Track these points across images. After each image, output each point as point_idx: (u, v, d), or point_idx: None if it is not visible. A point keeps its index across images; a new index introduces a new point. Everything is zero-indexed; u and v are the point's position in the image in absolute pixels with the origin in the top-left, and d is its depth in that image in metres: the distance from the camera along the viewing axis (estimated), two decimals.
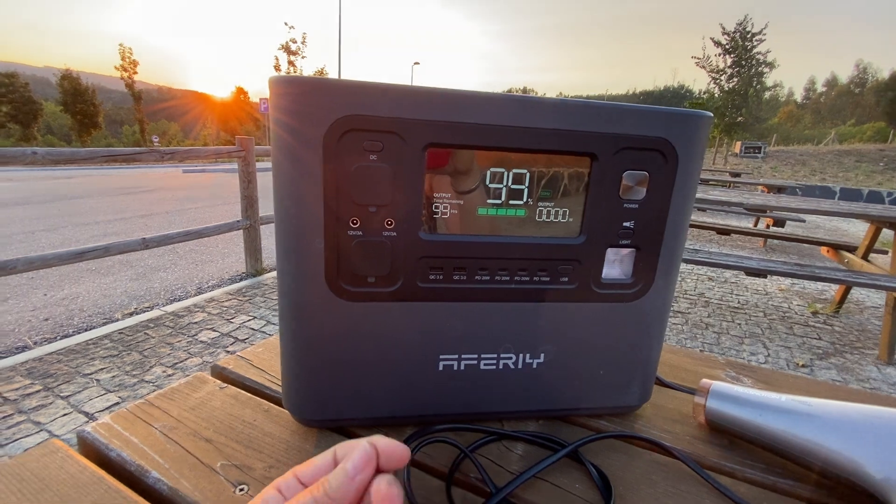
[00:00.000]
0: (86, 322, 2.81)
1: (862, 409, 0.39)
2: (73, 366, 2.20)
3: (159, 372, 2.16)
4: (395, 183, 0.37)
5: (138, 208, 7.22)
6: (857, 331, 3.12)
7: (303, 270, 0.38)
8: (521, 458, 0.42)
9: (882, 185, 16.01)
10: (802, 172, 18.64)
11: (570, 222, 0.41)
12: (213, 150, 3.47)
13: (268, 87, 0.36)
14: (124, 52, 33.16)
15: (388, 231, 0.38)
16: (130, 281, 3.62)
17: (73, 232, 5.42)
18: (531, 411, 0.47)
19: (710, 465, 0.43)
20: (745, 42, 16.47)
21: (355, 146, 0.35)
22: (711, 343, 2.80)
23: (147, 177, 12.98)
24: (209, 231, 3.33)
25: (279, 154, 0.36)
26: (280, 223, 0.38)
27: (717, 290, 3.80)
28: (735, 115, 16.98)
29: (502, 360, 0.44)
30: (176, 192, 9.60)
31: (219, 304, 3.02)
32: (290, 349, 0.41)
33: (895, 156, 20.33)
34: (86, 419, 1.80)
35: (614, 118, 0.38)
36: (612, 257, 0.42)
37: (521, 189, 0.39)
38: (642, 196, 0.40)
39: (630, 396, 0.48)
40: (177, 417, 0.44)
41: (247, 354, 0.57)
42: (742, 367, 0.63)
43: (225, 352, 2.37)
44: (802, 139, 41.28)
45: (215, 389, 0.49)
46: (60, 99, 34.11)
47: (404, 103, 0.35)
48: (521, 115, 0.37)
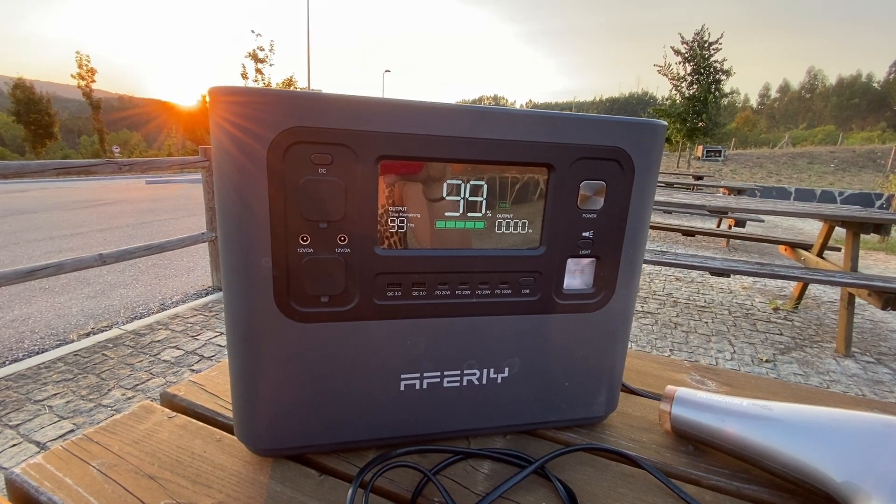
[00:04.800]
0: (37, 344, 2.66)
1: (822, 412, 0.40)
2: (24, 392, 2.07)
3: (118, 395, 2.05)
4: (347, 197, 0.35)
5: (97, 222, 6.91)
6: (815, 325, 3.27)
7: (250, 291, 0.36)
8: (487, 477, 0.41)
9: (833, 185, 16.95)
10: (760, 174, 19.53)
11: (529, 233, 0.40)
12: (174, 160, 3.34)
13: (208, 98, 0.34)
14: (81, 59, 31.91)
15: (341, 247, 0.36)
16: (87, 299, 3.45)
17: (25, 249, 5.13)
18: (498, 427, 0.46)
19: (677, 474, 0.43)
20: (703, 51, 17.18)
21: (303, 159, 0.34)
22: (680, 342, 2.87)
23: (107, 189, 12.46)
24: (172, 244, 3.21)
25: (221, 169, 0.34)
26: (224, 241, 0.36)
27: (685, 290, 3.92)
28: (696, 121, 17.64)
29: (466, 377, 0.42)
30: (138, 204, 9.24)
31: (183, 321, 2.90)
32: (239, 375, 0.39)
33: (845, 157, 21.59)
34: (37, 449, 1.69)
35: (570, 128, 0.38)
36: (573, 267, 0.42)
37: (478, 201, 0.38)
38: (600, 206, 0.40)
39: (597, 407, 0.47)
40: (117, 453, 0.41)
41: (199, 379, 0.54)
42: (707, 371, 0.64)
43: (190, 370, 2.27)
44: (759, 143, 43.31)
45: (163, 419, 0.46)
46: (13, 109, 32.47)
47: (355, 114, 0.34)
48: (476, 127, 0.36)
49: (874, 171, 19.16)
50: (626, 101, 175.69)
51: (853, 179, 18.20)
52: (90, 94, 32.92)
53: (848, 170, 19.91)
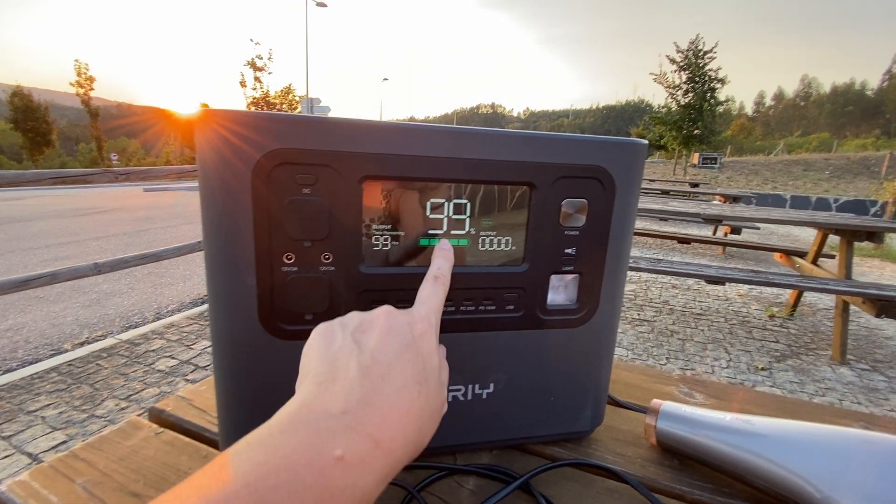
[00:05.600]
0: (31, 354, 2.64)
1: (803, 427, 0.40)
2: (17, 403, 2.05)
3: (112, 406, 2.04)
4: (331, 216, 0.36)
5: (93, 230, 6.90)
6: (811, 332, 3.27)
7: (235, 309, 0.36)
8: (472, 493, 0.41)
9: (828, 191, 17.07)
10: (756, 181, 19.66)
11: (512, 250, 0.41)
12: (171, 169, 3.35)
13: (194, 122, 0.34)
14: (80, 67, 31.99)
15: (326, 266, 0.36)
16: (82, 308, 3.43)
17: (21, 257, 5.12)
18: (484, 442, 0.46)
19: (661, 489, 0.43)
20: (698, 59, 17.36)
21: (287, 180, 0.34)
22: (677, 350, 2.87)
23: (104, 196, 12.46)
24: (168, 253, 3.21)
25: (207, 189, 0.34)
26: (209, 260, 0.36)
27: (681, 298, 3.93)
28: (692, 128, 17.78)
29: (451, 393, 0.43)
30: (135, 212, 9.24)
31: (179, 330, 2.89)
32: (225, 392, 0.39)
33: (839, 164, 21.76)
34: (29, 461, 1.67)
35: (551, 148, 0.38)
36: (557, 284, 0.42)
37: (462, 219, 0.39)
38: (582, 223, 0.41)
39: (582, 421, 0.48)
40: (103, 470, 0.41)
41: (188, 394, 0.54)
42: (695, 383, 0.64)
43: (184, 380, 2.26)
44: (754, 150, 43.66)
45: (150, 435, 0.46)
46: (11, 116, 32.50)
47: (338, 136, 0.34)
48: (458, 147, 0.37)
49: (869, 177, 19.31)
50: (623, 108, 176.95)
51: (848, 186, 18.34)
52: (88, 101, 32.98)
53: (843, 177, 20.06)
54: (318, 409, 0.23)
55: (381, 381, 0.24)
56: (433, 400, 0.27)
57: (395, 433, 0.23)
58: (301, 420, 0.22)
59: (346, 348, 0.26)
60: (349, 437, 0.21)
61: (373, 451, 0.22)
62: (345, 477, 0.20)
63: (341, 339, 0.27)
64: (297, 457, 0.20)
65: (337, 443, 0.21)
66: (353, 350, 0.26)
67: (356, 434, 0.22)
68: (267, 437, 0.21)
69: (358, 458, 0.21)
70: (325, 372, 0.25)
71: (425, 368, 0.27)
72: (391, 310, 0.30)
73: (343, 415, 0.22)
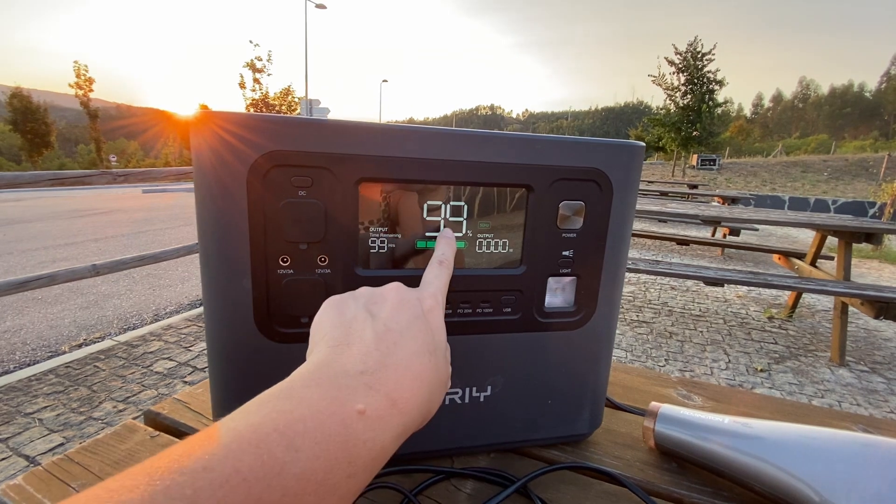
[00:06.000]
0: (29, 356, 2.63)
1: (801, 430, 0.40)
2: (14, 405, 2.04)
3: (109, 408, 2.03)
4: (327, 219, 0.35)
5: (92, 232, 6.89)
6: (809, 334, 3.27)
7: (230, 312, 0.36)
8: (469, 496, 0.41)
9: (827, 193, 17.10)
10: (754, 183, 19.69)
11: (509, 253, 0.40)
12: (169, 171, 3.35)
13: (190, 123, 0.34)
14: (79, 69, 31.97)
15: (322, 268, 0.36)
16: (80, 310, 3.42)
17: (19, 259, 5.10)
18: (481, 446, 0.46)
19: (659, 492, 0.43)
20: (696, 61, 17.40)
21: (283, 182, 0.34)
22: (675, 352, 2.87)
23: (103, 198, 12.44)
24: (167, 255, 3.20)
25: (202, 191, 0.34)
26: (205, 262, 0.36)
27: (680, 299, 3.93)
28: (690, 130, 17.81)
29: (448, 396, 0.42)
30: (134, 213, 9.23)
31: (177, 332, 2.88)
32: (220, 395, 0.39)
33: (838, 166, 21.81)
34: (26, 463, 1.67)
35: (549, 150, 0.38)
36: (554, 286, 0.42)
37: (460, 221, 0.39)
38: (580, 225, 0.41)
39: (580, 424, 0.48)
40: (98, 474, 0.41)
41: (184, 397, 0.53)
42: (693, 385, 0.64)
43: (182, 382, 2.26)
44: (753, 152, 43.75)
45: (145, 439, 0.46)
46: (10, 118, 32.48)
47: (334, 138, 0.34)
48: (455, 149, 0.37)
49: (867, 179, 19.36)
50: (622, 110, 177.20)
51: (846, 188, 18.38)
52: (88, 103, 32.96)
53: (841, 178, 20.10)
54: (336, 368, 0.23)
55: (395, 346, 0.25)
56: (442, 370, 0.28)
57: (410, 395, 0.24)
58: (323, 376, 0.23)
59: (360, 317, 0.27)
60: (368, 395, 0.22)
61: (390, 409, 0.23)
62: (367, 430, 0.21)
63: (354, 309, 0.28)
64: (322, 407, 0.20)
65: (358, 398, 0.22)
66: (367, 318, 0.27)
67: (375, 392, 0.22)
68: (289, 389, 0.21)
69: (377, 414, 0.22)
70: (340, 336, 0.26)
71: (434, 340, 0.28)
72: (400, 285, 0.31)
73: (362, 374, 0.23)
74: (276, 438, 0.18)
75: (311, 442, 0.19)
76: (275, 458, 0.18)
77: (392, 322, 0.27)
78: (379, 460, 0.22)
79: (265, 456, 0.17)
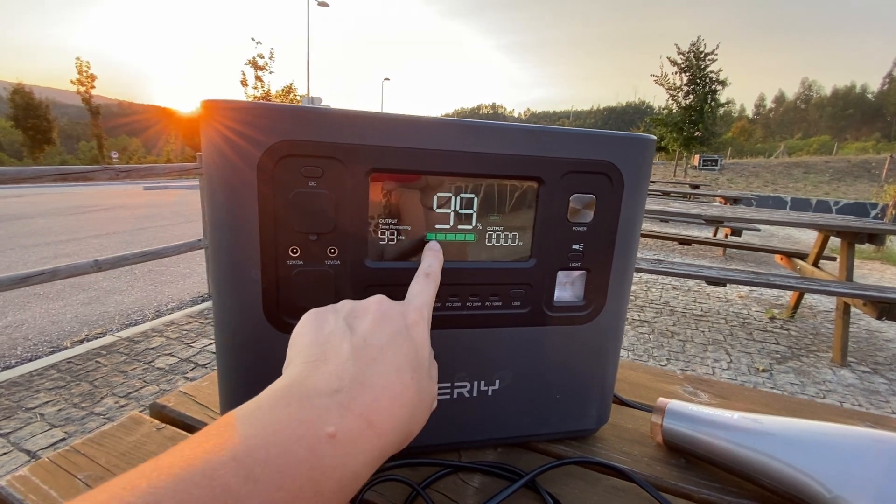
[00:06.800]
0: (30, 351, 2.64)
1: (812, 426, 0.40)
2: (15, 399, 2.05)
3: (111, 403, 2.03)
4: (338, 210, 0.35)
5: (94, 228, 6.90)
6: (811, 334, 3.27)
7: (239, 303, 0.36)
8: (477, 490, 0.40)
9: (829, 194, 17.07)
10: (756, 184, 19.66)
11: (519, 246, 0.40)
12: (172, 167, 3.35)
13: (200, 112, 0.34)
14: (81, 66, 31.99)
15: (332, 259, 0.36)
16: (82, 305, 3.43)
17: (21, 254, 5.11)
18: (489, 440, 0.46)
19: (668, 488, 0.42)
20: (699, 61, 17.37)
21: (293, 172, 0.34)
22: (677, 351, 2.86)
23: (105, 194, 12.45)
24: (168, 251, 3.20)
25: (212, 180, 0.34)
26: (213, 253, 0.36)
27: (682, 299, 3.92)
28: (692, 130, 17.79)
29: (456, 389, 0.42)
30: (135, 210, 9.23)
31: (178, 328, 2.89)
32: (228, 387, 0.38)
33: (840, 167, 21.77)
34: (28, 458, 1.67)
35: (560, 143, 0.38)
36: (564, 280, 0.42)
37: (469, 213, 0.39)
38: (590, 219, 0.40)
39: (588, 419, 0.47)
40: (104, 465, 0.41)
41: (189, 390, 0.53)
42: (699, 382, 0.63)
43: (184, 378, 2.26)
44: (755, 152, 43.67)
45: (151, 431, 0.46)
46: (11, 114, 32.54)
47: (345, 128, 0.34)
48: (466, 140, 0.36)
49: (869, 180, 19.32)
50: (624, 110, 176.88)
51: (848, 189, 18.34)
52: (89, 99, 33.00)
53: (843, 179, 20.07)
54: (308, 387, 0.22)
55: (373, 362, 0.24)
56: (425, 390, 0.27)
57: (388, 415, 0.23)
58: (292, 396, 0.21)
59: (339, 331, 0.26)
60: (341, 416, 0.21)
61: (365, 431, 0.21)
62: (336, 455, 0.19)
63: (333, 323, 0.27)
64: (289, 432, 0.19)
65: (329, 420, 0.20)
66: (346, 333, 0.26)
67: (349, 412, 0.21)
68: (256, 410, 0.20)
69: (350, 437, 0.20)
70: (317, 353, 0.25)
71: (417, 357, 0.27)
72: (384, 298, 0.30)
73: (336, 393, 0.22)
74: (233, 468, 0.17)
75: (272, 471, 0.17)
76: (229, 491, 0.16)
77: (371, 337, 0.25)
78: (350, 488, 0.20)
79: (218, 489, 0.16)
